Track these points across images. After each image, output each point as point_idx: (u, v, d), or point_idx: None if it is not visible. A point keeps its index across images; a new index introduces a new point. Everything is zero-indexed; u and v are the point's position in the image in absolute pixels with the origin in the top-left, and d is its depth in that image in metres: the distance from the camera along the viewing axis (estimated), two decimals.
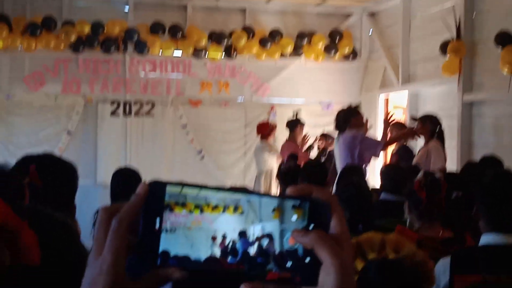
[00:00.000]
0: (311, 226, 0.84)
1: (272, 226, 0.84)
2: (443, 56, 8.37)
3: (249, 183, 10.13)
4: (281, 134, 9.76)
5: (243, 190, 0.87)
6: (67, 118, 10.25)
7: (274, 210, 0.85)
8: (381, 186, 5.46)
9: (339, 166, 7.54)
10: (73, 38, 9.88)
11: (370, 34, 11.11)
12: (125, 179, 5.09)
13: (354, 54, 11.09)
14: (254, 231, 0.84)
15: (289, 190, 0.85)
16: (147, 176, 7.65)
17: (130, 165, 8.59)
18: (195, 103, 10.63)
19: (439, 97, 9.00)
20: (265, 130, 9.60)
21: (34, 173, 1.89)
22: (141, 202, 0.84)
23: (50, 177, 2.22)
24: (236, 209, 0.85)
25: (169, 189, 0.84)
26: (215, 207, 0.84)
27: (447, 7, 8.67)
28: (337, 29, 11.01)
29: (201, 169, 10.62)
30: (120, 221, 0.82)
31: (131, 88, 10.42)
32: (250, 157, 10.48)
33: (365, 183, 4.80)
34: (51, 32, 9.89)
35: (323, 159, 9.25)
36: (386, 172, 5.51)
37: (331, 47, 10.84)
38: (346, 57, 11.08)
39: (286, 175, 6.02)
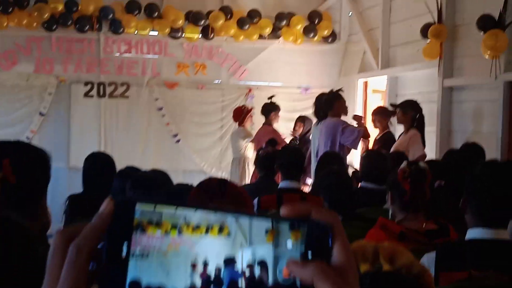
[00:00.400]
0: (309, 253, 0.69)
1: (265, 251, 0.69)
2: (424, 39, 8.26)
3: (225, 168, 10.02)
4: (260, 118, 9.61)
5: (229, 210, 0.71)
6: (40, 98, 10.03)
7: (267, 232, 0.70)
8: (361, 173, 5.36)
9: (318, 152, 7.45)
10: (46, 16, 9.63)
11: (349, 15, 10.98)
12: (97, 164, 4.95)
13: (333, 37, 10.95)
14: (243, 257, 0.70)
15: (283, 211, 0.71)
16: (122, 160, 7.52)
17: (104, 150, 8.44)
18: (171, 85, 10.44)
19: (419, 81, 8.91)
20: (239, 115, 9.48)
21: (8, 168, 1.73)
22: (106, 223, 0.69)
23: (25, 172, 2.07)
24: (221, 230, 0.70)
25: (142, 204, 0.69)
26: (196, 228, 0.69)
27: None
28: (316, 10, 10.85)
29: (177, 152, 10.48)
30: (79, 248, 0.68)
31: (105, 68, 10.20)
32: (227, 141, 10.36)
33: (345, 171, 4.69)
34: (24, 10, 9.63)
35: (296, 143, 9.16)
36: (367, 159, 5.41)
37: (310, 29, 10.69)
38: (325, 40, 10.94)
39: (263, 160, 5.89)
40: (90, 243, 0.68)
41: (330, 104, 7.77)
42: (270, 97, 9.48)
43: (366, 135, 7.82)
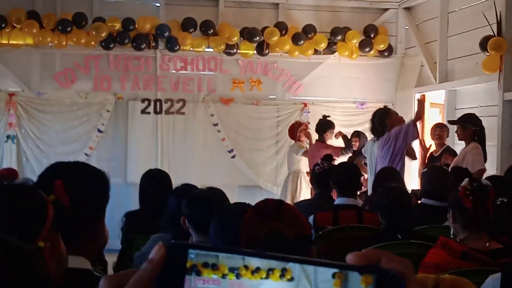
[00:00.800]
0: None
1: None
2: (483, 52, 8.09)
3: (281, 183, 9.97)
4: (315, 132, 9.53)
5: (290, 258, 0.65)
6: (98, 116, 10.17)
7: (334, 275, 0.64)
8: (421, 190, 5.25)
9: (376, 168, 7.36)
10: (103, 34, 9.77)
11: (406, 29, 10.85)
12: (154, 182, 4.96)
13: (389, 51, 10.82)
14: None
15: (350, 258, 0.65)
16: (178, 175, 7.56)
17: (160, 167, 8.51)
18: (227, 101, 10.47)
19: (479, 95, 8.72)
20: (292, 131, 9.46)
21: (60, 189, 1.70)
22: (156, 270, 0.65)
23: (80, 193, 2.01)
24: (283, 274, 0.64)
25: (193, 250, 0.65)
26: (255, 271, 0.64)
27: (487, 2, 8.38)
28: (372, 24, 10.75)
29: (232, 167, 10.48)
30: None
31: (162, 85, 10.30)
32: (282, 156, 10.32)
33: (403, 188, 4.58)
34: (82, 29, 9.80)
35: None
36: (428, 175, 5.29)
37: (365, 44, 10.59)
38: (381, 54, 10.82)
39: (319, 177, 5.81)
40: None
41: (382, 121, 7.73)
42: (325, 117, 9.37)
43: (418, 116, 7.75)
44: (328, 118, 9.31)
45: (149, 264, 0.65)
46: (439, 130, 8.24)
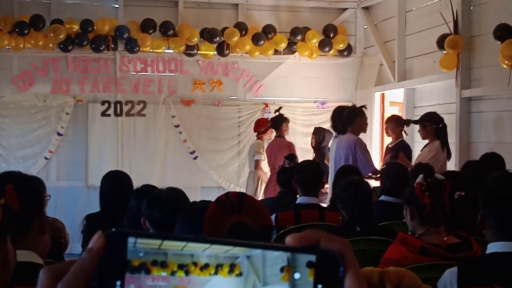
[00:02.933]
0: (319, 287, 0.64)
1: None
2: (440, 51, 8.20)
3: (243, 183, 9.98)
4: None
5: (238, 242, 0.65)
6: (57, 118, 10.05)
7: (282, 269, 0.64)
8: (381, 187, 5.29)
9: (335, 166, 7.38)
10: (62, 36, 9.66)
11: (365, 28, 10.95)
12: (114, 183, 4.93)
13: (349, 50, 10.91)
14: None
15: (288, 240, 0.65)
16: (140, 178, 7.51)
17: (121, 169, 8.46)
18: (188, 102, 10.45)
19: (437, 93, 8.84)
20: (263, 126, 9.40)
21: (12, 194, 1.69)
22: (95, 260, 0.64)
23: (26, 197, 2.08)
24: (232, 269, 0.64)
25: (145, 242, 0.64)
26: (204, 267, 0.64)
27: (444, 0, 8.50)
28: (331, 24, 10.82)
29: (195, 169, 10.46)
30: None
31: (122, 87, 10.23)
32: (244, 157, 10.33)
33: (365, 182, 4.62)
34: (40, 31, 9.67)
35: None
36: (387, 172, 5.34)
37: (325, 43, 10.65)
38: (340, 53, 10.91)
39: (282, 175, 5.84)
40: (79, 282, 0.64)
41: (352, 119, 7.63)
42: (278, 109, 9.45)
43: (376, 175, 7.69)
44: (280, 112, 9.34)
45: (88, 253, 0.65)
46: (386, 125, 8.32)
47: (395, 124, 8.09)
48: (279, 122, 9.26)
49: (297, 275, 0.64)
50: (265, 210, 2.17)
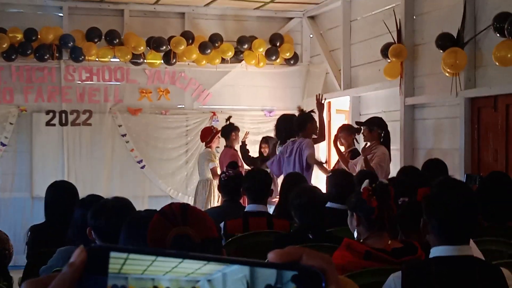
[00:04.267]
0: None
1: None
2: (385, 59, 8.35)
3: (191, 192, 9.95)
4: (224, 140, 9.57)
5: (205, 257, 0.65)
6: (1, 128, 9.84)
7: None
8: (327, 194, 5.34)
9: (285, 171, 7.42)
10: (5, 45, 9.48)
11: (311, 37, 11.06)
12: (59, 194, 4.86)
13: (295, 59, 11.01)
14: None
15: (270, 256, 0.65)
16: (86, 188, 7.42)
17: (67, 179, 8.35)
18: (135, 111, 10.37)
19: (382, 100, 8.98)
20: (208, 135, 9.41)
21: None
22: (77, 274, 0.64)
23: None
24: None
25: (111, 262, 0.64)
26: None
27: (387, 10, 8.65)
28: (277, 33, 10.90)
29: (142, 178, 10.38)
30: None
31: (67, 96, 10.09)
32: (192, 165, 10.31)
33: (317, 189, 4.66)
34: None
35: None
36: (333, 179, 5.39)
37: (272, 52, 10.72)
38: (287, 62, 10.99)
39: (226, 184, 5.83)
40: None
41: (303, 124, 7.71)
42: (228, 118, 9.50)
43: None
44: (230, 121, 9.39)
45: (70, 267, 0.64)
46: (339, 135, 8.36)
47: (347, 133, 8.17)
48: (229, 131, 9.30)
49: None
50: (209, 220, 2.17)
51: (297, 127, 7.74)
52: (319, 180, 8.81)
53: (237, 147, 9.45)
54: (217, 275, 0.65)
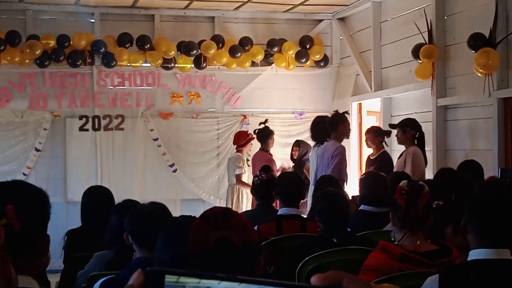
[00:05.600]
0: None
1: None
2: (416, 60, 8.30)
3: (223, 195, 9.98)
4: (256, 144, 9.58)
5: (253, 280, 0.68)
6: (35, 134, 9.99)
7: None
8: (360, 196, 5.34)
9: (316, 175, 7.42)
10: (38, 52, 9.62)
11: (340, 39, 11.04)
12: (95, 199, 4.93)
13: (325, 61, 10.99)
14: None
15: (314, 280, 0.69)
16: (119, 192, 7.48)
17: (100, 184, 8.44)
18: (166, 115, 10.45)
19: (413, 102, 8.93)
20: (242, 139, 9.41)
21: (12, 214, 1.69)
22: None
23: (29, 216, 2.01)
24: None
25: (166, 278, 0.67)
26: None
27: (418, 11, 8.61)
28: (307, 35, 10.90)
29: (174, 182, 10.44)
30: None
31: (99, 101, 10.21)
32: (223, 169, 10.33)
33: (341, 193, 4.65)
34: (16, 47, 9.63)
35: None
36: (365, 182, 5.38)
37: (302, 54, 10.72)
38: (317, 64, 10.98)
39: (259, 188, 5.85)
40: None
41: (335, 125, 7.70)
42: (264, 122, 9.49)
43: None
44: (266, 124, 9.40)
45: None
46: (366, 137, 8.34)
47: (374, 135, 8.12)
48: (266, 135, 9.30)
49: None
50: (251, 226, 2.19)
51: (329, 128, 7.75)
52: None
53: (271, 150, 9.44)
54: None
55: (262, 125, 9.46)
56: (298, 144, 9.49)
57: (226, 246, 2.00)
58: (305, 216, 5.52)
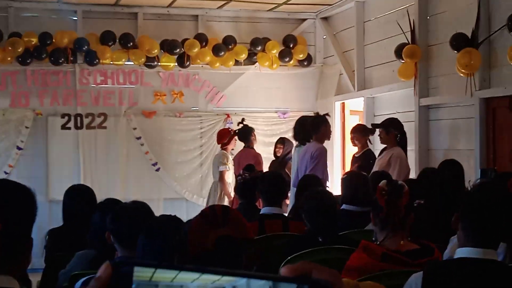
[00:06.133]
0: None
1: None
2: (399, 60, 8.34)
3: (206, 194, 9.96)
4: (240, 142, 9.57)
5: (226, 272, 0.69)
6: (17, 132, 9.92)
7: None
8: (342, 196, 5.35)
9: (298, 175, 7.42)
10: (20, 50, 9.56)
11: (324, 38, 11.06)
12: (77, 197, 4.91)
13: (309, 60, 11.01)
14: None
15: (283, 271, 0.70)
16: (102, 191, 7.46)
17: (83, 183, 8.40)
18: (149, 113, 10.42)
19: (396, 101, 8.97)
20: (225, 137, 9.42)
21: None
22: None
23: (10, 215, 1.97)
24: None
25: (137, 274, 0.67)
26: None
27: (401, 10, 8.65)
28: (291, 35, 10.91)
29: (157, 181, 10.42)
30: None
31: (82, 100, 10.15)
32: (207, 168, 10.33)
33: (329, 193, 4.66)
34: None
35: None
36: (348, 181, 5.39)
37: (285, 54, 10.74)
38: (301, 63, 11.00)
39: (242, 187, 5.85)
40: None
41: (316, 127, 7.74)
42: (241, 121, 9.53)
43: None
44: (244, 123, 9.43)
45: (96, 282, 0.68)
46: (352, 135, 8.37)
47: (361, 134, 8.17)
48: (248, 133, 9.32)
49: None
50: (246, 222, 2.20)
51: (311, 129, 7.77)
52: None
53: (256, 147, 9.44)
54: (242, 281, 0.68)
55: (241, 125, 9.49)
56: (282, 141, 9.48)
57: (228, 244, 2.01)
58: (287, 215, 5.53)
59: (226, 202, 9.10)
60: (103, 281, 0.68)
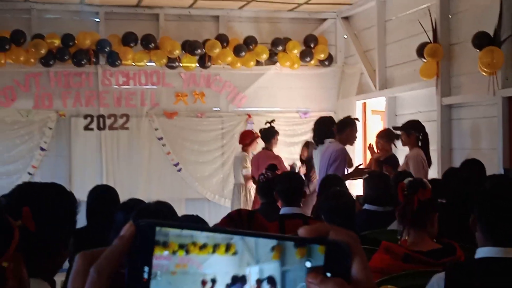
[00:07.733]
0: (328, 274, 0.70)
1: (272, 268, 0.71)
2: (420, 59, 8.29)
3: (228, 195, 9.99)
4: (260, 142, 9.56)
5: (238, 232, 0.72)
6: (40, 134, 10.02)
7: (273, 249, 0.71)
8: (364, 196, 5.34)
9: (319, 175, 7.41)
10: (43, 51, 9.66)
11: (345, 38, 11.04)
12: (101, 198, 4.95)
13: (330, 60, 11.00)
14: (251, 274, 0.70)
15: (301, 231, 0.71)
16: (124, 191, 7.52)
17: (105, 183, 8.46)
18: (171, 114, 10.47)
19: (418, 101, 8.93)
20: (248, 138, 9.40)
21: (28, 216, 1.71)
22: (126, 247, 0.70)
23: (46, 219, 2.00)
24: (228, 248, 0.71)
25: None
26: (203, 247, 0.71)
27: (422, 9, 8.61)
28: (311, 34, 10.91)
29: (179, 181, 10.46)
30: (99, 272, 0.70)
31: (104, 101, 10.23)
32: (228, 168, 10.35)
33: (347, 193, 4.66)
34: (21, 46, 9.66)
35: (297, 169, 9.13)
36: (369, 181, 5.39)
37: (306, 53, 10.73)
38: (322, 63, 10.99)
39: (264, 187, 5.85)
40: (110, 266, 0.70)
41: (343, 128, 7.62)
42: (270, 122, 9.43)
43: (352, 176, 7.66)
44: (272, 124, 9.36)
45: (120, 240, 0.71)
46: (377, 140, 8.27)
47: (386, 140, 8.07)
48: (271, 135, 9.23)
49: (297, 258, 0.71)
50: (271, 230, 2.23)
51: (337, 129, 7.67)
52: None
53: (275, 150, 9.38)
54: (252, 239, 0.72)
55: (268, 125, 9.41)
56: (307, 145, 9.46)
57: None
58: (307, 215, 5.52)
59: (250, 205, 9.09)
60: (126, 240, 0.70)
